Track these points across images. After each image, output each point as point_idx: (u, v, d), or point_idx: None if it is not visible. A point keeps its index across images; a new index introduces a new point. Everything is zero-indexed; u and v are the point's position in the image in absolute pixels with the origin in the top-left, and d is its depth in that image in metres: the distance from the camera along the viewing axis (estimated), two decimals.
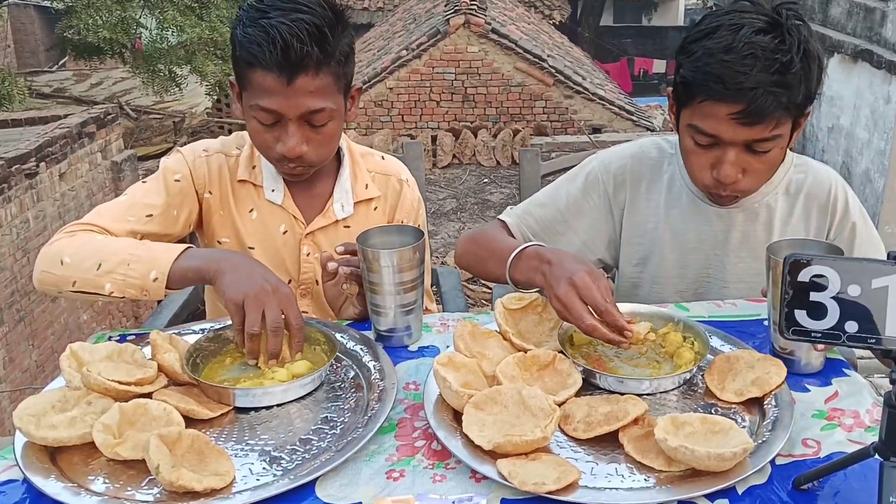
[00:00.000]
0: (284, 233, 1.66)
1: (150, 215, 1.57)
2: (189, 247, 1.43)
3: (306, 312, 1.69)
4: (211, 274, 1.34)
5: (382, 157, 1.79)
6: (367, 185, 1.71)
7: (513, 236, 1.69)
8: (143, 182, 1.64)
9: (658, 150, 1.70)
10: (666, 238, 1.67)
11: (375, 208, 1.72)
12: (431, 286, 2.12)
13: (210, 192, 1.66)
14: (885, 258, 1.59)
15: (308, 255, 1.67)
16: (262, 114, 1.48)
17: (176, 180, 1.62)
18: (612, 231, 1.72)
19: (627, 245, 1.71)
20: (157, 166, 1.67)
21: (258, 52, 1.42)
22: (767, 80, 1.35)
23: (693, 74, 1.41)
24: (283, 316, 1.27)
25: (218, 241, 1.68)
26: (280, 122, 1.49)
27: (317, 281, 1.66)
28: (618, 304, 1.31)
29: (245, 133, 1.68)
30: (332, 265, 1.49)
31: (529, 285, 1.41)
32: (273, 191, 1.65)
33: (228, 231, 1.67)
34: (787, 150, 1.59)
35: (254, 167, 1.66)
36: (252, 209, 1.66)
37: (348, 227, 1.68)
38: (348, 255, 1.51)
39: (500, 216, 1.75)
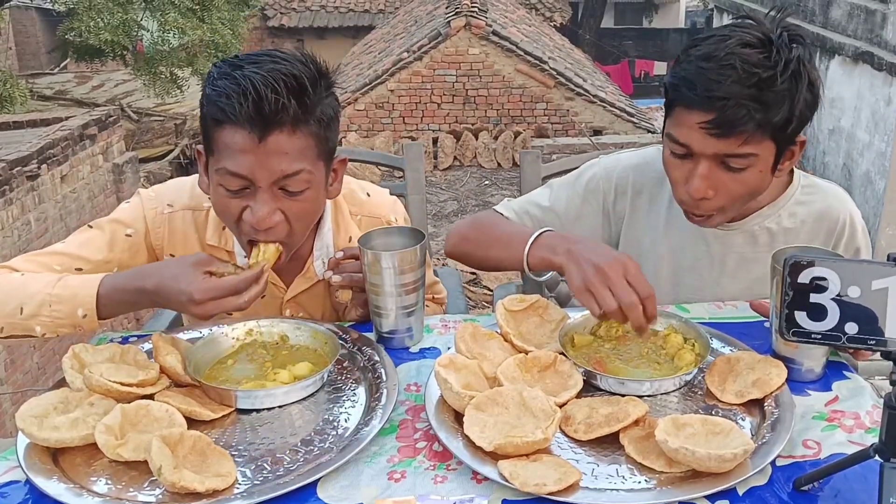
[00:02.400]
0: (262, 297, 1.39)
1: (80, 269, 1.44)
2: (105, 277, 1.34)
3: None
4: (149, 292, 1.29)
5: (368, 195, 1.64)
6: (350, 238, 1.57)
7: None
8: (90, 228, 1.51)
9: (661, 164, 1.66)
10: (663, 254, 1.64)
11: None
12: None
13: (171, 255, 1.52)
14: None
15: (292, 317, 1.55)
16: (228, 179, 1.30)
17: (127, 235, 1.50)
18: (609, 240, 1.69)
19: None
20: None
21: (227, 106, 1.26)
22: (741, 92, 1.30)
23: (671, 80, 1.39)
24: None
25: None
26: (249, 190, 1.32)
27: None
28: None
29: None
30: (326, 274, 1.46)
31: (546, 267, 1.35)
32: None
33: None
34: (795, 170, 1.56)
35: (224, 228, 1.49)
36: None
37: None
38: (350, 259, 1.46)
39: (497, 208, 1.68)
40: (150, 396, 1.19)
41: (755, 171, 1.39)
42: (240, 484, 1.05)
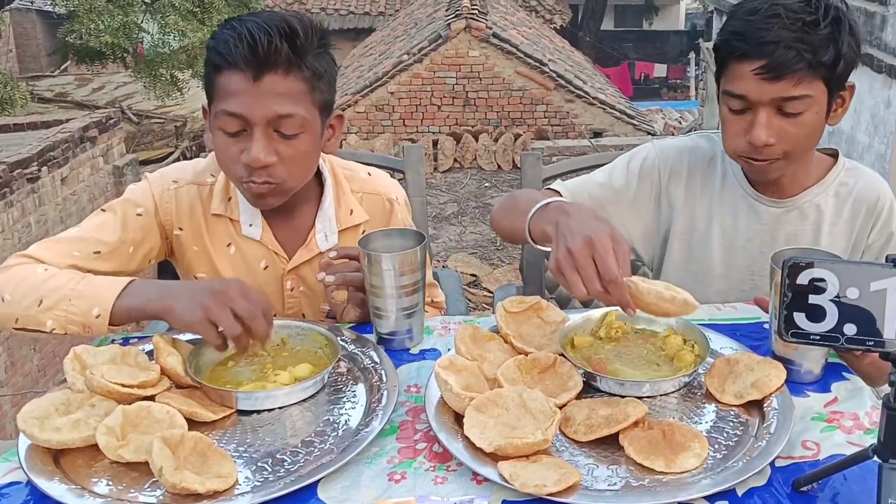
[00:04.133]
0: (265, 268, 1.57)
1: (98, 252, 1.48)
2: (132, 280, 1.34)
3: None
4: (159, 312, 1.28)
5: (369, 174, 1.69)
6: (351, 211, 1.61)
7: None
8: (102, 211, 1.54)
9: (710, 144, 1.69)
10: (715, 234, 1.66)
11: (364, 232, 1.58)
12: None
13: (181, 229, 1.56)
14: None
15: (292, 290, 1.60)
16: (226, 120, 1.38)
17: (137, 214, 1.53)
18: (653, 223, 1.70)
19: (676, 240, 1.69)
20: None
21: (225, 50, 1.36)
22: (789, 36, 1.39)
23: (721, 37, 1.47)
24: (248, 305, 1.23)
25: (194, 276, 1.59)
26: (246, 132, 1.39)
27: (303, 315, 1.60)
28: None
29: None
30: (320, 276, 1.46)
31: (543, 239, 1.33)
32: (251, 225, 1.54)
33: (205, 267, 1.58)
34: (840, 154, 1.63)
35: (229, 199, 1.56)
36: (230, 244, 1.57)
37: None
38: (343, 259, 1.47)
39: (552, 185, 1.67)
40: (151, 398, 1.19)
41: (811, 115, 1.45)
42: (240, 485, 1.06)
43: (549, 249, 1.28)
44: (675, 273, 1.69)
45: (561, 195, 1.57)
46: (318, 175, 1.60)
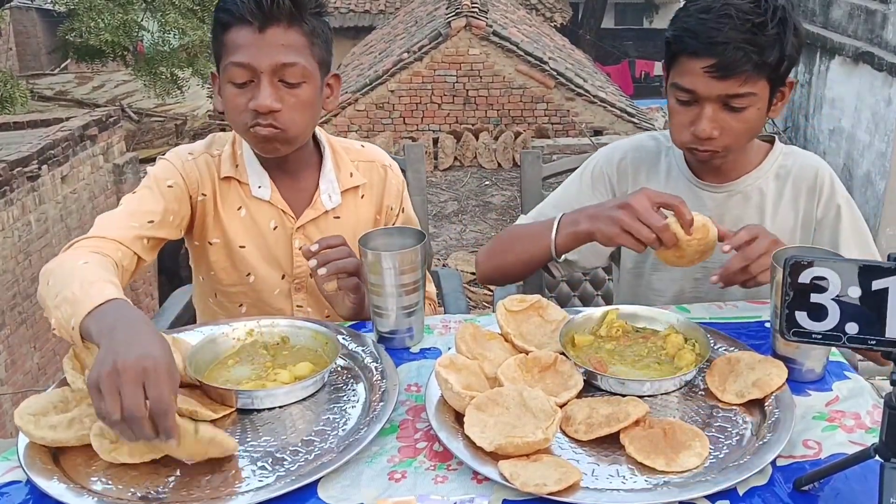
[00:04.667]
0: (275, 228, 1.66)
1: (152, 221, 1.54)
2: (113, 300, 1.19)
3: (301, 307, 1.70)
4: (97, 342, 1.12)
5: (362, 146, 1.80)
6: (351, 174, 1.71)
7: None
8: (134, 193, 1.60)
9: (655, 141, 1.77)
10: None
11: (363, 196, 1.72)
12: None
13: (204, 194, 1.63)
14: (869, 244, 1.62)
15: (300, 248, 1.64)
16: (235, 71, 1.49)
17: (169, 186, 1.59)
18: None
19: None
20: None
21: (232, 6, 1.47)
22: (739, 37, 1.44)
23: (674, 33, 1.53)
24: (141, 399, 1.01)
25: (209, 242, 1.66)
26: (253, 82, 1.49)
27: (311, 274, 1.62)
28: (621, 306, 1.40)
29: (220, 134, 1.69)
30: (311, 263, 1.50)
31: (574, 241, 1.53)
32: (259, 187, 1.64)
33: (218, 231, 1.65)
34: (777, 140, 1.69)
35: (237, 165, 1.65)
36: (240, 207, 1.65)
37: (338, 217, 1.68)
38: (326, 250, 1.50)
39: (517, 222, 1.79)
40: None
41: (754, 110, 1.52)
42: (240, 484, 1.05)
43: (564, 265, 1.62)
44: (633, 266, 1.77)
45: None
46: (318, 145, 1.70)
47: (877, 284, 0.89)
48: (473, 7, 10.37)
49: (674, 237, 1.38)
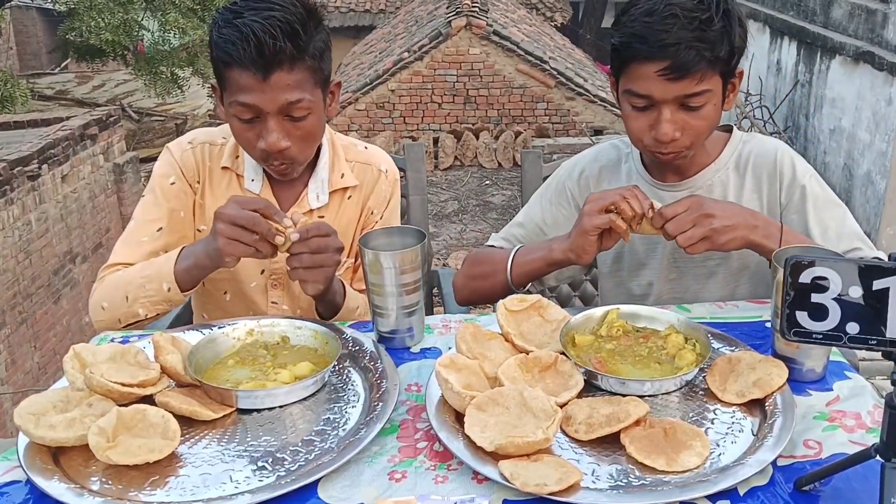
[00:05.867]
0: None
1: (160, 229, 1.63)
2: (182, 248, 1.52)
3: (276, 304, 1.71)
4: (206, 263, 1.45)
5: (366, 147, 1.80)
6: (342, 175, 1.72)
7: None
8: (143, 197, 1.69)
9: (615, 150, 1.77)
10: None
11: (350, 197, 1.72)
12: (433, 289, 2.12)
13: (198, 182, 1.68)
14: (844, 221, 1.60)
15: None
16: (241, 109, 1.50)
17: (171, 184, 1.66)
18: None
19: None
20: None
21: (233, 51, 1.45)
22: (688, 36, 1.42)
23: (620, 40, 1.49)
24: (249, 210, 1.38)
25: (197, 230, 1.70)
26: (259, 118, 1.51)
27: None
28: (621, 306, 1.40)
29: None
30: (293, 236, 1.41)
31: (536, 273, 1.58)
32: (252, 180, 1.67)
33: (207, 219, 1.67)
34: (735, 129, 1.69)
35: (237, 157, 1.68)
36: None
37: (322, 216, 1.68)
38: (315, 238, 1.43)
39: (489, 242, 1.81)
40: (151, 396, 1.19)
41: (710, 106, 1.51)
42: (240, 484, 1.05)
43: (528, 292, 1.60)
44: (612, 273, 1.78)
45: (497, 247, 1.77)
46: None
47: (877, 284, 0.89)
48: (474, 6, 10.36)
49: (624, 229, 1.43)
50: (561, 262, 1.54)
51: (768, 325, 1.40)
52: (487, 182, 9.77)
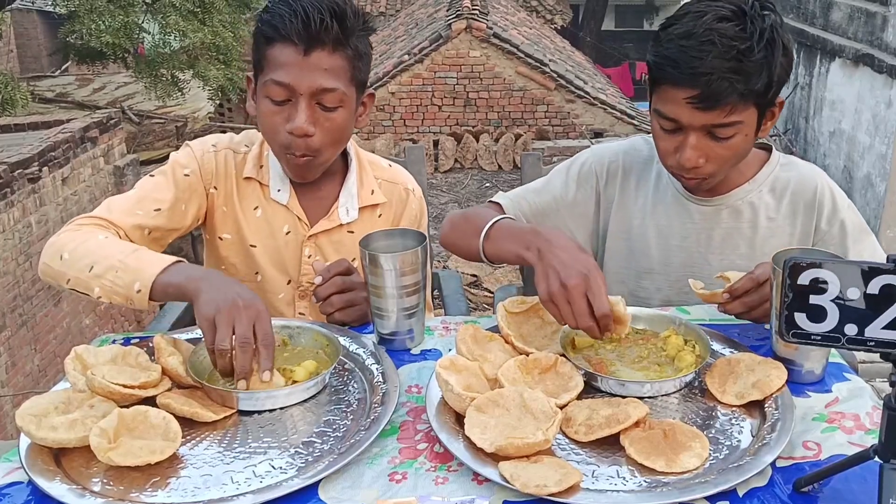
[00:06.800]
0: (287, 233, 1.66)
1: (159, 209, 1.58)
2: (179, 261, 1.39)
3: (303, 315, 1.70)
4: (190, 292, 1.30)
5: (389, 165, 1.80)
6: (372, 191, 1.71)
7: None
8: (152, 176, 1.64)
9: (649, 147, 1.71)
10: (651, 234, 1.68)
11: (380, 215, 1.72)
12: (433, 291, 2.13)
13: (215, 188, 1.66)
14: (875, 251, 1.62)
15: (309, 256, 1.67)
16: (274, 89, 1.48)
17: (185, 175, 1.63)
18: (596, 224, 1.73)
19: (614, 239, 1.72)
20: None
21: (279, 24, 1.46)
22: (723, 66, 1.36)
23: (654, 59, 1.45)
24: (252, 332, 1.22)
25: (220, 238, 1.68)
26: (291, 102, 1.49)
27: (313, 292, 1.59)
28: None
29: (254, 132, 1.68)
30: (317, 280, 1.50)
31: (512, 261, 1.43)
32: (279, 190, 1.65)
33: (230, 228, 1.67)
34: (774, 149, 1.64)
35: (261, 166, 1.66)
36: (257, 207, 1.66)
37: (352, 231, 1.67)
38: (337, 277, 1.49)
39: (494, 198, 1.72)
40: (152, 398, 1.19)
41: (741, 137, 1.46)
42: (241, 485, 1.06)
43: (502, 266, 1.43)
44: (617, 271, 1.73)
45: (502, 206, 1.67)
46: (344, 154, 1.69)
47: (876, 286, 0.89)
48: (474, 9, 10.38)
49: (597, 335, 1.28)
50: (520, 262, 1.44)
51: (767, 326, 1.40)
52: (488, 184, 9.77)
